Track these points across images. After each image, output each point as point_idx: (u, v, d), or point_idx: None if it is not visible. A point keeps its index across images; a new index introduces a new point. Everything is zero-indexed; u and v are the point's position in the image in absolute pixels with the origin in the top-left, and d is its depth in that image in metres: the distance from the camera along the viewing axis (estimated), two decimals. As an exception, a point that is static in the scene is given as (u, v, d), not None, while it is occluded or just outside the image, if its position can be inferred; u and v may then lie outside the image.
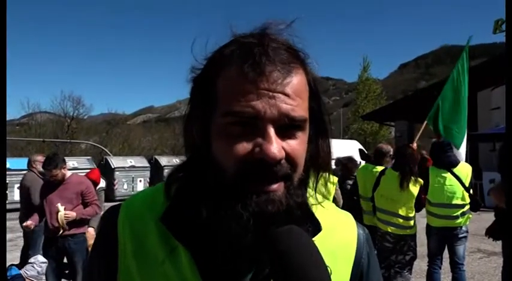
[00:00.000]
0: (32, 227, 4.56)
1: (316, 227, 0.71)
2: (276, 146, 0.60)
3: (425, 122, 5.91)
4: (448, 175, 4.54)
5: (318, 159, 0.71)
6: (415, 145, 5.08)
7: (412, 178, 4.36)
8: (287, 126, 0.63)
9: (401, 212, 4.37)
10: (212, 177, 0.64)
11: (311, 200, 0.73)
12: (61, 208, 4.27)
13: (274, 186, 0.62)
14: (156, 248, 0.70)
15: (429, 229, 4.68)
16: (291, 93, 0.62)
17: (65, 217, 4.28)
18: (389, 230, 4.43)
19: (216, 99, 0.65)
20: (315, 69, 0.70)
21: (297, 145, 0.64)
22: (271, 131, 0.61)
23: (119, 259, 0.72)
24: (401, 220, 4.38)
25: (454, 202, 4.49)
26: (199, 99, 0.68)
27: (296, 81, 0.64)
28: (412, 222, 4.43)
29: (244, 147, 0.61)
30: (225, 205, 0.62)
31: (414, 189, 4.38)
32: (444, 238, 4.59)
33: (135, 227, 0.73)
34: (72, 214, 4.34)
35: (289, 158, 0.63)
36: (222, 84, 0.64)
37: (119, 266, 0.72)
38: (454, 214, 4.49)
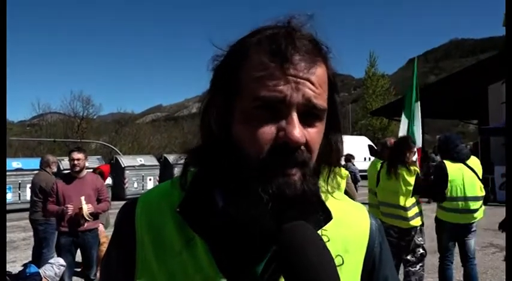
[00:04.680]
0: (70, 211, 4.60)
1: (327, 216, 0.73)
2: (299, 131, 0.63)
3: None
4: (464, 168, 4.51)
5: (330, 152, 0.73)
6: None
7: (403, 166, 4.34)
8: (308, 114, 0.65)
9: (401, 202, 4.35)
10: (233, 162, 0.66)
11: (323, 191, 0.75)
12: (83, 201, 4.56)
13: (293, 171, 0.64)
14: (173, 239, 0.71)
15: (442, 224, 4.60)
16: (315, 82, 0.65)
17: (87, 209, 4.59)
18: (392, 224, 4.42)
19: (240, 86, 0.66)
20: (334, 64, 0.73)
21: (315, 134, 0.67)
22: (295, 115, 0.63)
23: (137, 250, 0.74)
24: (401, 211, 4.37)
25: (474, 194, 4.46)
26: (221, 86, 0.70)
27: (319, 71, 0.67)
28: (412, 212, 4.39)
29: (268, 131, 0.64)
30: (245, 189, 0.64)
31: (410, 178, 4.36)
32: (457, 233, 4.54)
33: (152, 219, 0.75)
34: (92, 207, 4.64)
35: (308, 145, 0.65)
36: (247, 71, 0.66)
37: (136, 257, 0.74)
38: (474, 207, 4.44)
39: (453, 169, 4.50)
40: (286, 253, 0.59)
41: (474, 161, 4.63)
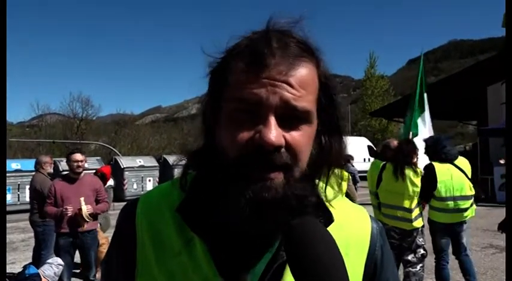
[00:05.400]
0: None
1: (328, 219, 0.72)
2: (274, 133, 0.62)
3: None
4: (453, 168, 4.57)
5: (328, 155, 0.72)
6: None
7: (410, 168, 4.34)
8: (290, 117, 0.65)
9: (406, 204, 4.35)
10: (218, 165, 0.67)
11: (323, 194, 0.75)
12: (83, 202, 4.57)
13: (272, 174, 0.63)
14: (172, 239, 0.72)
15: (434, 225, 4.63)
16: (295, 84, 0.64)
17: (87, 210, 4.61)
18: (395, 225, 4.41)
19: (224, 90, 0.68)
20: (327, 65, 0.72)
21: (300, 136, 0.65)
22: (272, 118, 0.63)
23: (137, 250, 0.74)
24: (406, 213, 4.37)
25: (464, 193, 4.52)
26: (210, 91, 0.72)
27: (302, 73, 0.65)
28: (415, 213, 4.40)
29: (246, 134, 0.64)
30: (224, 192, 0.64)
31: (416, 179, 4.36)
32: (449, 233, 4.58)
33: (152, 219, 0.75)
34: (91, 208, 4.66)
35: (290, 148, 0.64)
36: (231, 75, 0.67)
37: (137, 257, 0.74)
38: (464, 206, 4.49)
39: (442, 169, 4.54)
40: (295, 248, 0.59)
41: (462, 161, 4.69)
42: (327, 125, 0.72)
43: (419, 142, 6.20)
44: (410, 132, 6.49)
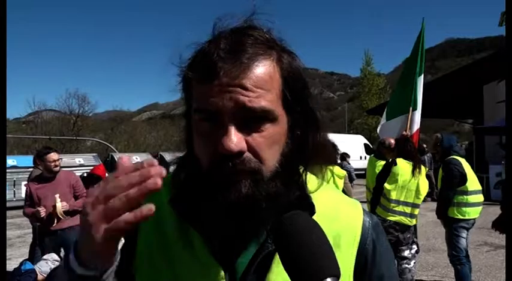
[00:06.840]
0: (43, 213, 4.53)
1: (311, 212, 0.72)
2: (232, 139, 0.63)
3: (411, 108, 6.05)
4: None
5: (304, 149, 0.72)
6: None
7: (422, 166, 4.37)
8: (250, 120, 0.65)
9: (416, 200, 4.36)
10: (195, 172, 0.70)
11: (308, 188, 0.75)
12: (58, 199, 4.45)
13: (240, 177, 0.64)
14: (171, 229, 0.74)
15: (461, 223, 4.54)
16: (249, 86, 0.64)
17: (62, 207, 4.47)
18: (398, 221, 4.40)
19: (191, 99, 0.70)
20: (296, 57, 0.72)
21: (262, 138, 0.66)
22: (230, 124, 0.64)
23: (138, 237, 0.76)
24: (415, 209, 4.38)
25: (480, 188, 4.66)
26: (183, 100, 0.75)
27: (257, 73, 0.65)
28: (419, 209, 4.47)
29: (211, 143, 0.65)
30: (201, 197, 0.68)
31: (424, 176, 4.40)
32: (469, 229, 4.62)
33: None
34: (67, 205, 4.54)
35: (253, 150, 0.65)
36: (192, 86, 0.69)
37: (137, 245, 0.76)
38: (482, 201, 4.62)
39: (465, 163, 4.60)
40: (285, 241, 0.59)
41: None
42: (300, 119, 0.71)
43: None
44: (410, 107, 6.09)
